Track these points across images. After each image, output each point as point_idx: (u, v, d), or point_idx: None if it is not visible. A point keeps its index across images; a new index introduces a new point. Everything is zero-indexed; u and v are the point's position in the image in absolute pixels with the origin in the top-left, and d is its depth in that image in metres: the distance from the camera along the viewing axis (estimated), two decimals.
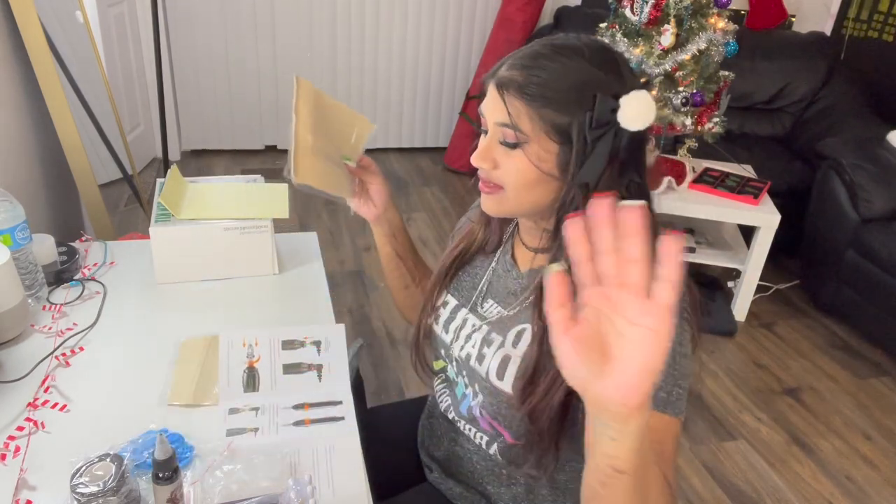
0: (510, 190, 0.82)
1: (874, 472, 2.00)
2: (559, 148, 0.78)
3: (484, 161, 0.82)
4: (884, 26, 3.35)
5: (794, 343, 2.60)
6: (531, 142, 0.78)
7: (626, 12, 2.43)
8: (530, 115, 0.77)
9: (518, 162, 0.79)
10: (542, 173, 0.79)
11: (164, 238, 1.24)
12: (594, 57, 0.78)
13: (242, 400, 0.99)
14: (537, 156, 0.78)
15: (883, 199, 2.45)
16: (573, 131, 0.76)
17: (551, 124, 0.77)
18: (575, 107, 0.76)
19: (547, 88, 0.76)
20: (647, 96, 0.75)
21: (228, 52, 3.72)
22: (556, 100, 0.76)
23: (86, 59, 2.07)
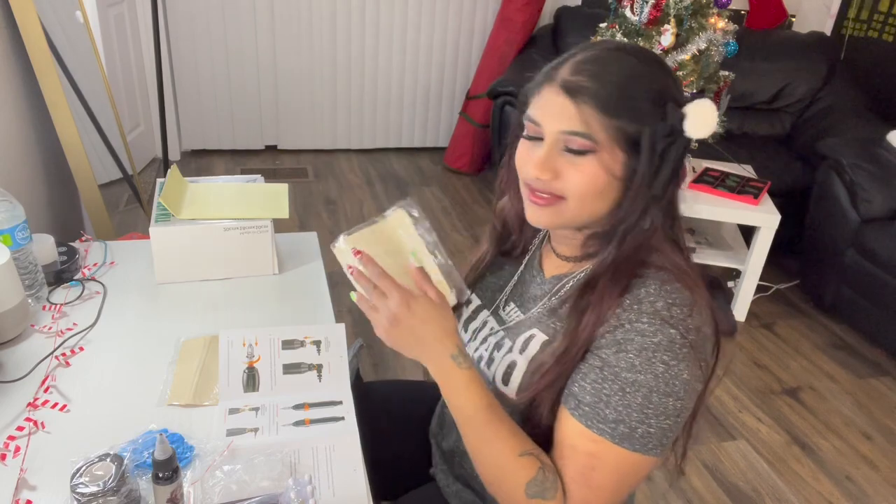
0: (573, 200, 0.78)
1: (874, 472, 2.00)
2: (625, 157, 0.76)
3: (546, 171, 0.78)
4: (884, 26, 3.35)
5: (794, 343, 2.60)
6: (602, 151, 0.76)
7: (626, 12, 2.43)
8: (603, 124, 0.75)
9: (587, 170, 0.76)
10: (610, 182, 0.77)
11: (164, 238, 1.24)
12: (654, 62, 0.79)
13: (242, 400, 0.99)
14: (606, 165, 0.76)
15: (883, 199, 2.45)
16: (643, 140, 0.75)
17: (622, 133, 0.75)
18: (646, 116, 0.75)
19: (620, 95, 0.75)
20: (711, 105, 0.75)
21: (228, 52, 3.72)
22: (628, 108, 0.75)
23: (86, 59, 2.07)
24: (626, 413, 0.74)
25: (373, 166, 3.98)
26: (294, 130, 4.03)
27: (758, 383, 2.36)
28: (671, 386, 0.74)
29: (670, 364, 0.74)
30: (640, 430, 0.74)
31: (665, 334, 0.74)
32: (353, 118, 4.08)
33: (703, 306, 0.77)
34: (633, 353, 0.74)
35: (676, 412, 0.75)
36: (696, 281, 0.78)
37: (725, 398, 2.26)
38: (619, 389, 0.74)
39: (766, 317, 2.75)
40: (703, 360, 0.77)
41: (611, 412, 0.75)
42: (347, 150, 4.17)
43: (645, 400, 0.74)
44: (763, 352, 2.53)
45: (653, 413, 0.74)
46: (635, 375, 0.74)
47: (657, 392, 0.74)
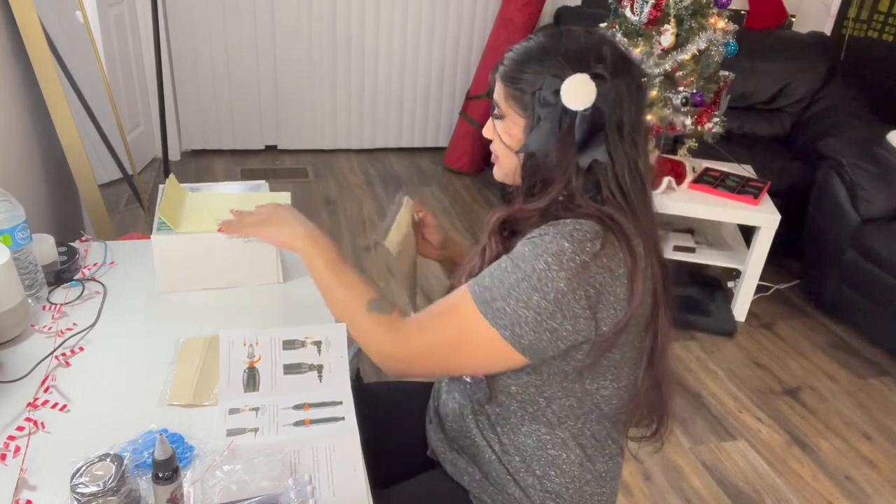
0: (500, 157, 0.97)
1: (874, 472, 2.00)
2: (525, 122, 0.90)
3: (487, 132, 0.97)
4: (884, 26, 3.35)
5: (794, 343, 2.60)
6: (506, 117, 0.92)
7: (626, 12, 2.43)
8: (505, 94, 0.91)
9: (499, 133, 0.94)
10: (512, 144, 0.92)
11: (166, 247, 1.21)
12: (566, 48, 0.88)
13: (243, 400, 0.99)
14: (508, 128, 0.92)
15: (883, 199, 2.45)
16: (528, 108, 0.89)
17: (519, 102, 0.90)
18: (529, 86, 0.88)
19: (519, 72, 0.89)
20: (583, 78, 0.84)
21: (228, 52, 3.73)
22: (524, 81, 0.89)
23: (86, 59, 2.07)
24: (497, 286, 0.84)
25: (373, 166, 3.98)
26: (294, 130, 4.03)
27: (758, 383, 2.36)
28: (543, 283, 0.81)
29: (551, 266, 0.81)
30: (499, 303, 0.83)
31: (558, 243, 0.82)
32: (353, 118, 4.08)
33: (615, 245, 0.83)
34: (528, 247, 0.85)
35: (538, 309, 0.82)
36: (620, 226, 0.84)
37: (725, 398, 2.26)
38: (504, 268, 0.85)
39: (766, 317, 2.75)
40: (592, 287, 0.82)
41: (487, 279, 0.86)
42: (347, 150, 4.17)
43: (516, 282, 0.83)
44: (763, 352, 2.53)
45: (516, 296, 0.83)
46: (520, 262, 0.84)
47: (528, 281, 0.82)
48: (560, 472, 0.96)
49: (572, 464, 0.96)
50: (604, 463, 0.99)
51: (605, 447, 0.98)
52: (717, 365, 2.43)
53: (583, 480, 0.97)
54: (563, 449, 0.95)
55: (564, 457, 0.96)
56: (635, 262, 0.83)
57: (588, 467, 0.97)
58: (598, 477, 0.98)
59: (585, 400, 0.92)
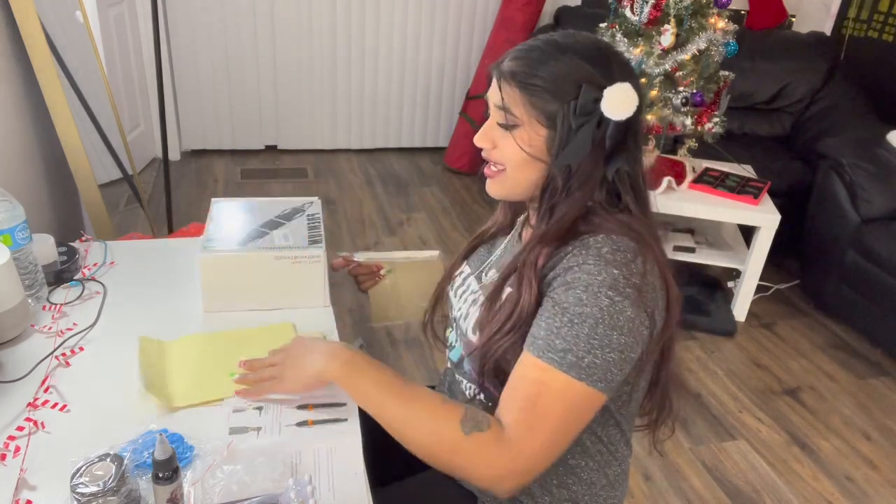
0: (509, 168, 0.90)
1: (874, 472, 2.00)
2: (548, 133, 0.86)
3: (484, 141, 0.91)
4: (884, 26, 3.35)
5: (794, 343, 2.60)
6: (523, 126, 0.87)
7: (626, 12, 2.43)
8: (523, 102, 0.86)
9: (514, 142, 0.88)
10: (536, 153, 0.87)
11: (213, 267, 1.16)
12: (585, 51, 0.86)
13: (246, 399, 0.99)
14: (528, 138, 0.87)
15: (883, 199, 2.45)
16: (557, 117, 0.85)
17: (541, 110, 0.85)
18: (562, 95, 0.84)
19: (538, 78, 0.85)
20: (629, 88, 0.83)
21: (228, 52, 3.72)
22: (545, 88, 0.85)
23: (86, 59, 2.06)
24: (575, 343, 0.79)
25: (373, 166, 3.98)
26: (294, 130, 4.03)
27: (758, 383, 2.36)
28: (615, 319, 0.79)
29: (615, 299, 0.79)
30: (586, 359, 0.79)
31: (608, 273, 0.80)
32: (353, 118, 4.08)
33: (651, 259, 0.83)
34: (580, 289, 0.80)
35: (621, 347, 0.80)
36: (646, 238, 0.84)
37: (725, 398, 2.26)
38: (568, 321, 0.80)
39: (766, 317, 2.75)
40: (649, 307, 0.82)
41: (560, 342, 0.80)
42: (347, 150, 4.17)
43: (591, 331, 0.79)
44: (763, 352, 2.53)
45: (598, 344, 0.79)
46: (582, 308, 0.79)
47: (602, 324, 0.79)
48: (577, 480, 0.96)
49: (590, 471, 0.96)
50: (616, 466, 0.99)
51: (617, 451, 0.98)
52: (717, 365, 2.43)
53: (598, 486, 0.97)
54: (583, 457, 0.95)
55: (583, 464, 0.96)
56: (668, 272, 0.84)
57: (604, 472, 0.97)
58: (612, 482, 0.99)
59: (609, 404, 0.92)
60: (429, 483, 1.05)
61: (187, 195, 3.41)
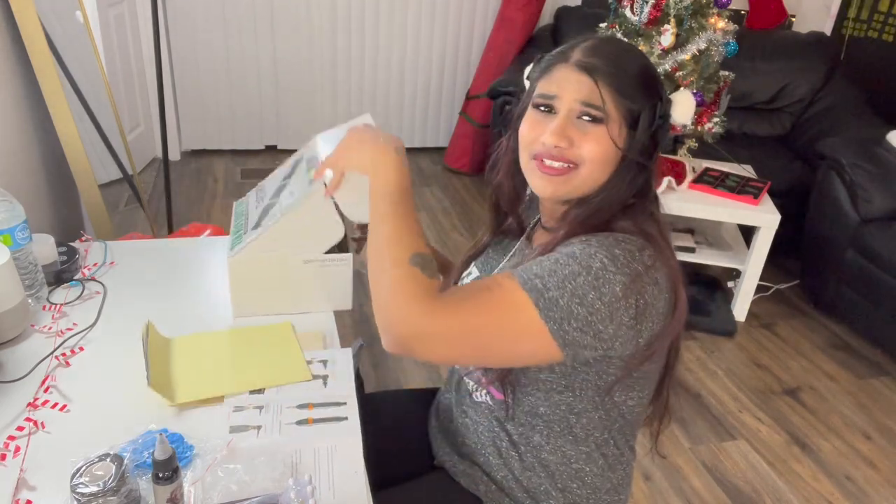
0: (586, 166, 0.86)
1: (874, 472, 2.00)
2: (628, 131, 0.86)
3: (563, 139, 0.86)
4: (884, 26, 3.35)
5: (794, 343, 2.60)
6: (611, 122, 0.85)
7: (626, 12, 2.43)
8: (614, 98, 0.85)
9: (600, 138, 0.85)
10: (615, 152, 0.86)
11: (242, 269, 1.15)
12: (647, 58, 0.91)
13: (247, 398, 1.00)
14: (614, 135, 0.85)
15: (883, 199, 2.45)
16: (643, 119, 0.85)
17: (629, 111, 0.85)
18: (646, 96, 0.86)
19: (627, 76, 0.86)
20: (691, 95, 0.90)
21: (228, 52, 3.72)
22: (634, 88, 0.86)
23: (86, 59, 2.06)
24: (549, 275, 0.78)
25: None
26: (294, 130, 4.02)
27: (758, 383, 2.36)
28: (599, 282, 0.77)
29: (608, 267, 0.78)
30: (552, 293, 0.77)
31: (609, 250, 0.79)
32: (354, 118, 4.07)
33: (660, 259, 0.82)
34: (577, 248, 0.81)
35: (592, 308, 0.77)
36: (658, 241, 0.84)
37: (725, 398, 2.26)
38: (554, 260, 0.80)
39: (766, 317, 2.75)
40: (644, 299, 0.79)
41: (537, 268, 0.80)
42: None
43: (571, 275, 0.78)
44: (763, 352, 2.53)
45: (570, 289, 0.77)
46: (571, 258, 0.79)
47: (584, 277, 0.77)
48: (582, 485, 0.96)
49: (595, 476, 0.96)
50: (621, 470, 0.99)
51: (623, 454, 0.98)
52: (717, 365, 2.43)
53: (602, 490, 0.97)
54: (588, 462, 0.95)
55: (588, 469, 0.95)
56: (679, 278, 0.83)
57: (608, 476, 0.97)
58: (616, 485, 0.98)
59: (613, 411, 0.91)
60: (430, 487, 1.05)
61: (187, 195, 3.41)
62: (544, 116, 0.88)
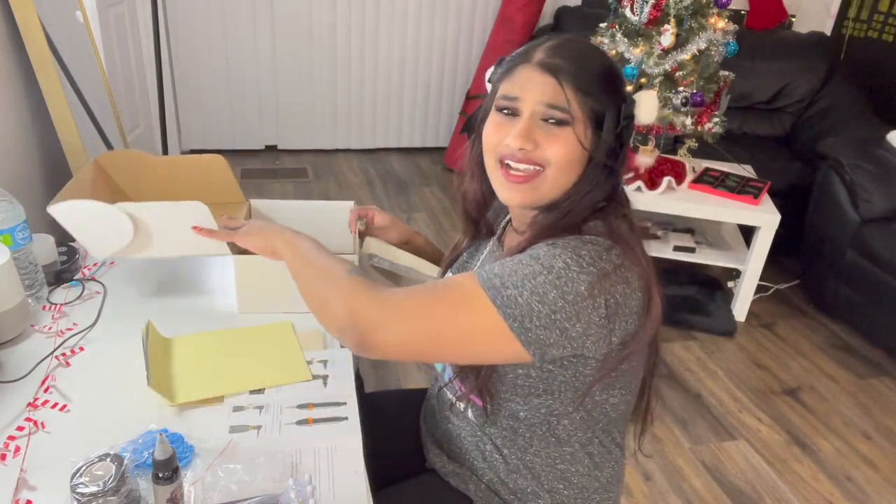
0: (552, 168, 0.84)
1: (874, 472, 2.00)
2: (593, 132, 0.84)
3: (527, 141, 0.83)
4: (884, 26, 3.35)
5: (794, 343, 2.60)
6: (576, 123, 0.83)
7: (626, 12, 2.43)
8: (578, 99, 0.83)
9: (566, 140, 0.83)
10: (582, 154, 0.84)
11: (246, 268, 1.17)
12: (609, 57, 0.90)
13: (247, 398, 1.00)
14: (579, 136, 0.84)
15: (883, 199, 2.45)
16: (607, 120, 0.84)
17: (593, 111, 0.84)
18: (611, 97, 0.85)
19: (591, 76, 0.84)
20: (654, 94, 0.89)
21: (228, 52, 3.73)
22: (597, 88, 0.84)
23: (86, 59, 2.06)
24: (509, 275, 0.78)
25: (373, 166, 3.98)
26: (294, 130, 4.03)
27: (758, 383, 2.36)
28: (561, 281, 0.76)
29: (571, 267, 0.76)
30: (510, 290, 0.76)
31: (574, 249, 0.78)
32: (353, 118, 4.08)
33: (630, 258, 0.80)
34: (542, 249, 0.79)
35: (555, 308, 0.75)
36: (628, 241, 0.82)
37: (725, 398, 2.26)
38: (517, 261, 0.79)
39: (766, 317, 2.75)
40: (613, 298, 0.78)
41: (497, 268, 0.79)
42: (347, 150, 4.17)
43: (531, 274, 0.77)
44: (763, 352, 2.53)
45: (530, 288, 0.76)
46: (534, 259, 0.78)
47: (544, 276, 0.76)
48: (568, 485, 0.95)
49: (581, 476, 0.95)
50: (610, 468, 0.98)
51: (610, 452, 0.97)
52: (717, 365, 2.43)
53: (590, 489, 0.96)
54: (573, 462, 0.94)
55: (573, 470, 0.95)
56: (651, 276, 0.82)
57: (595, 475, 0.96)
58: (605, 484, 0.98)
59: (595, 411, 0.91)
60: (422, 488, 1.04)
61: None
62: (507, 119, 0.86)
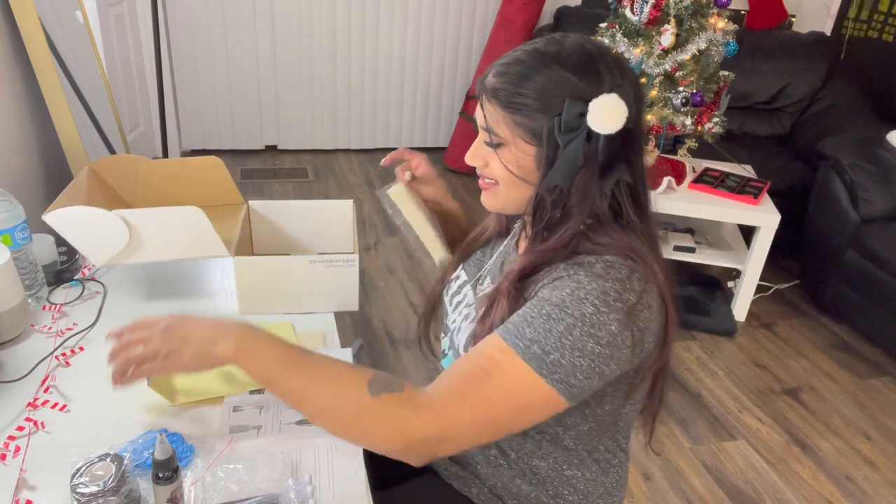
0: (501, 184, 0.87)
1: (874, 472, 2.00)
2: (536, 150, 0.82)
3: (474, 159, 0.88)
4: (884, 26, 3.35)
5: (794, 343, 2.60)
6: (508, 145, 0.83)
7: (626, 12, 2.43)
8: (506, 120, 0.82)
9: (501, 160, 0.85)
10: (526, 171, 0.83)
11: (247, 269, 1.17)
12: (570, 61, 0.80)
13: (247, 398, 1.00)
14: (514, 157, 0.83)
15: (883, 199, 2.45)
16: (544, 135, 0.80)
17: (526, 128, 0.81)
18: (547, 112, 0.79)
19: (518, 95, 0.80)
20: (614, 99, 0.78)
21: (228, 52, 3.73)
22: (527, 105, 0.80)
23: (86, 59, 2.06)
24: (545, 336, 0.75)
25: (373, 166, 3.98)
26: (294, 130, 4.03)
27: (758, 383, 2.36)
28: (595, 328, 0.74)
29: (600, 309, 0.75)
30: (552, 356, 0.74)
31: (599, 285, 0.76)
32: (353, 118, 4.08)
33: (650, 279, 0.78)
34: (566, 292, 0.76)
35: (593, 356, 0.75)
36: (645, 257, 0.79)
37: (725, 398, 2.26)
38: (546, 315, 0.76)
39: (766, 317, 2.75)
40: (639, 327, 0.77)
41: (530, 331, 0.76)
42: (347, 150, 4.18)
43: (566, 330, 0.74)
44: (763, 352, 2.53)
45: (570, 345, 0.74)
46: (563, 310, 0.75)
47: (580, 328, 0.74)
48: (574, 491, 0.95)
49: (587, 481, 0.95)
50: (615, 473, 0.98)
51: (615, 456, 0.97)
52: (717, 365, 2.43)
53: (595, 495, 0.96)
54: (580, 468, 0.94)
55: (580, 475, 0.94)
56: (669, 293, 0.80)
57: (601, 481, 0.96)
58: (609, 489, 0.98)
59: (605, 420, 0.90)
60: (423, 490, 1.04)
61: None
62: None
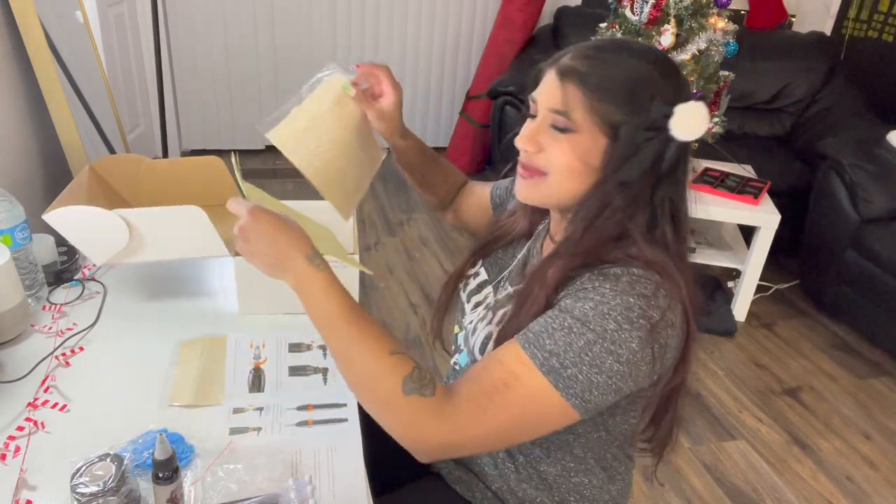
0: (553, 175, 0.82)
1: (874, 472, 2.00)
2: (607, 143, 0.78)
3: (529, 144, 0.82)
4: (884, 26, 3.35)
5: (794, 343, 2.60)
6: (581, 132, 0.79)
7: (626, 12, 2.43)
8: (585, 106, 0.78)
9: (565, 147, 0.80)
10: (587, 163, 0.79)
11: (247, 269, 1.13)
12: (657, 61, 0.80)
13: (247, 399, 1.00)
14: (584, 147, 0.79)
15: (883, 199, 2.45)
16: (622, 129, 0.77)
17: (605, 119, 0.77)
18: (630, 106, 0.77)
19: (607, 81, 0.77)
20: (703, 108, 0.76)
21: (228, 52, 3.72)
22: (614, 95, 0.77)
23: (86, 59, 2.06)
24: (564, 350, 0.74)
25: None
26: None
27: (758, 383, 2.36)
28: (616, 345, 0.73)
29: (622, 326, 0.73)
30: (570, 370, 0.73)
31: (623, 300, 0.74)
32: None
33: (674, 296, 0.77)
34: (589, 305, 0.74)
35: (611, 373, 0.74)
36: (673, 274, 0.77)
37: (725, 398, 2.26)
38: (567, 328, 0.74)
39: (766, 317, 2.75)
40: (660, 344, 0.76)
41: (550, 343, 0.74)
42: None
43: (587, 346, 0.73)
44: (763, 352, 2.53)
45: (588, 361, 0.73)
46: (585, 325, 0.74)
47: (601, 344, 0.73)
48: (580, 498, 0.94)
49: (594, 488, 0.94)
50: (620, 480, 0.97)
51: (622, 464, 0.96)
52: (717, 365, 2.43)
53: (601, 502, 0.96)
54: (588, 475, 0.93)
55: (587, 482, 0.94)
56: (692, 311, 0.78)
57: (608, 489, 0.95)
58: (615, 497, 0.97)
59: (615, 429, 0.90)
60: (425, 493, 1.04)
61: None
62: (530, 121, 0.84)
